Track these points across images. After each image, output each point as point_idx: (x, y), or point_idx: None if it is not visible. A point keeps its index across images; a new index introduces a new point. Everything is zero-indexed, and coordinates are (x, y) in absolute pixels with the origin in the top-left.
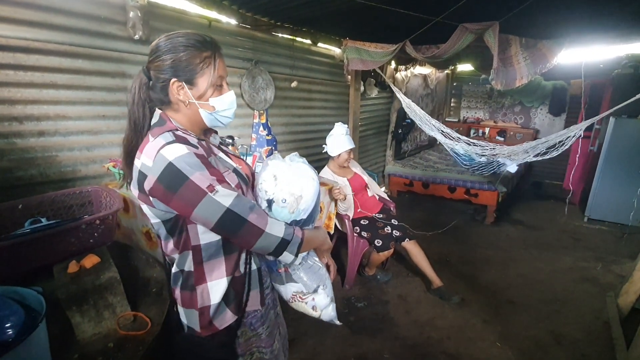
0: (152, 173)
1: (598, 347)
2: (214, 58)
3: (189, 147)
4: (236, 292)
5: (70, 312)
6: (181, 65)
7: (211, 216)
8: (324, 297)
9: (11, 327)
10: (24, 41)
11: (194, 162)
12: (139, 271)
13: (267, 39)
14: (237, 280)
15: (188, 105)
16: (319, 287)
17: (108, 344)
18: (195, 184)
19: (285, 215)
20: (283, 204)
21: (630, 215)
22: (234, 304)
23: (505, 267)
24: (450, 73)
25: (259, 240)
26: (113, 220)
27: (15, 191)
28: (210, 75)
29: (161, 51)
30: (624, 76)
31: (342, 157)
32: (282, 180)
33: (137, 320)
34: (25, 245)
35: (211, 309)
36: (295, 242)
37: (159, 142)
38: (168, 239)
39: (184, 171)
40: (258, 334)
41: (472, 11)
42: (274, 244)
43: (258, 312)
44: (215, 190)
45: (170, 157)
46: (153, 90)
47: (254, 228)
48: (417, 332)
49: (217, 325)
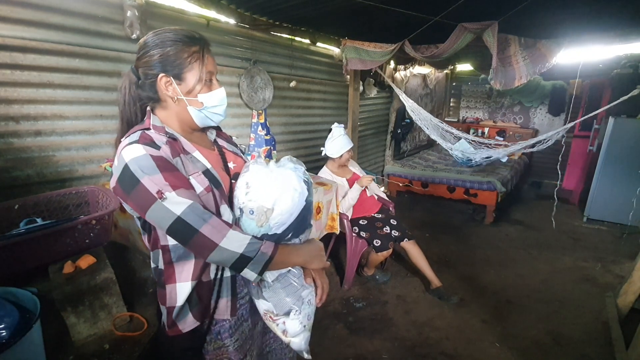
0: (115, 172)
1: (597, 347)
2: (202, 53)
3: (148, 148)
4: (200, 297)
5: (66, 313)
6: (169, 59)
7: (162, 222)
8: (295, 324)
9: (5, 328)
10: (21, 40)
11: (147, 164)
12: (135, 271)
13: (266, 39)
14: (203, 285)
15: (177, 101)
16: (290, 311)
17: (104, 345)
18: (145, 188)
19: (253, 227)
20: (251, 215)
21: (629, 215)
22: (197, 309)
23: (504, 267)
24: (449, 73)
25: (212, 254)
26: (109, 221)
27: (12, 191)
28: (199, 71)
29: (149, 47)
30: (623, 76)
31: (344, 157)
32: (254, 189)
33: (133, 321)
34: (20, 246)
35: (175, 310)
36: (259, 259)
37: (124, 143)
38: (144, 234)
39: (136, 174)
40: (225, 345)
41: (471, 11)
42: (230, 259)
43: (226, 322)
44: (163, 196)
45: (127, 158)
46: (142, 88)
47: (205, 240)
48: (416, 333)
49: (180, 327)
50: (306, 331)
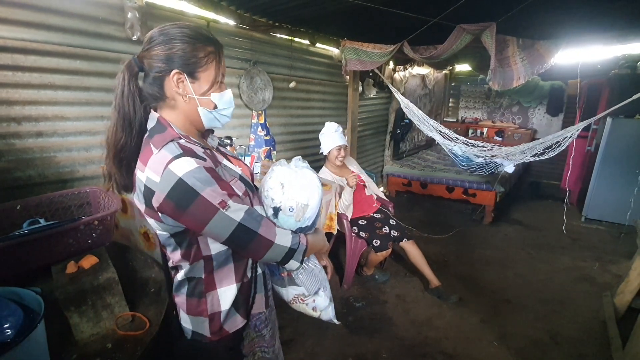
0: (160, 190)
1: (595, 346)
2: (218, 54)
3: (198, 160)
4: (244, 297)
5: (69, 313)
6: (185, 56)
7: (223, 231)
8: (324, 299)
9: (10, 328)
10: (22, 42)
11: (204, 177)
12: (137, 271)
13: (266, 40)
14: (245, 285)
15: (187, 100)
16: (319, 290)
17: (106, 345)
18: (207, 200)
19: (292, 223)
20: (290, 212)
21: (627, 215)
22: (243, 308)
23: (503, 267)
24: (448, 73)
25: (268, 252)
26: (111, 221)
27: (13, 192)
28: (215, 72)
29: (162, 39)
30: (621, 76)
31: (332, 153)
32: (290, 188)
33: (135, 321)
34: (23, 246)
35: (222, 315)
36: (300, 250)
37: (165, 156)
38: (176, 250)
39: (195, 187)
40: (262, 335)
41: (470, 12)
42: (281, 254)
43: (262, 315)
44: (227, 206)
45: (179, 172)
46: (145, 82)
47: (264, 240)
48: (415, 332)
49: (227, 329)
50: (331, 303)
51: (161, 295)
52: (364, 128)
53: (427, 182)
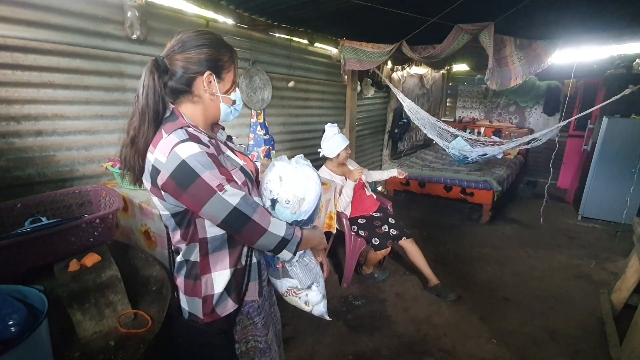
0: (165, 169)
1: (592, 343)
2: (234, 58)
3: (201, 146)
4: (237, 283)
5: (72, 310)
6: (218, 60)
7: (218, 213)
8: (316, 294)
9: (14, 325)
10: (22, 41)
11: (205, 161)
12: (138, 270)
13: (265, 39)
14: (238, 272)
15: (213, 98)
16: (312, 284)
17: (109, 342)
18: (205, 182)
19: (287, 215)
20: (286, 204)
21: (623, 213)
22: (234, 293)
23: (501, 265)
24: (446, 73)
25: (261, 239)
26: (113, 220)
27: (13, 191)
28: (234, 73)
29: (194, 44)
30: (616, 76)
31: (341, 155)
32: (287, 182)
33: (137, 318)
34: (26, 244)
35: (214, 298)
36: (294, 241)
37: (173, 140)
38: (176, 230)
39: (196, 169)
40: (254, 323)
41: (468, 12)
42: (274, 242)
43: (255, 303)
44: (224, 189)
45: (183, 155)
46: (174, 80)
47: (257, 226)
48: (414, 330)
49: (218, 312)
50: (324, 299)
51: (163, 294)
52: (362, 127)
53: (425, 181)
